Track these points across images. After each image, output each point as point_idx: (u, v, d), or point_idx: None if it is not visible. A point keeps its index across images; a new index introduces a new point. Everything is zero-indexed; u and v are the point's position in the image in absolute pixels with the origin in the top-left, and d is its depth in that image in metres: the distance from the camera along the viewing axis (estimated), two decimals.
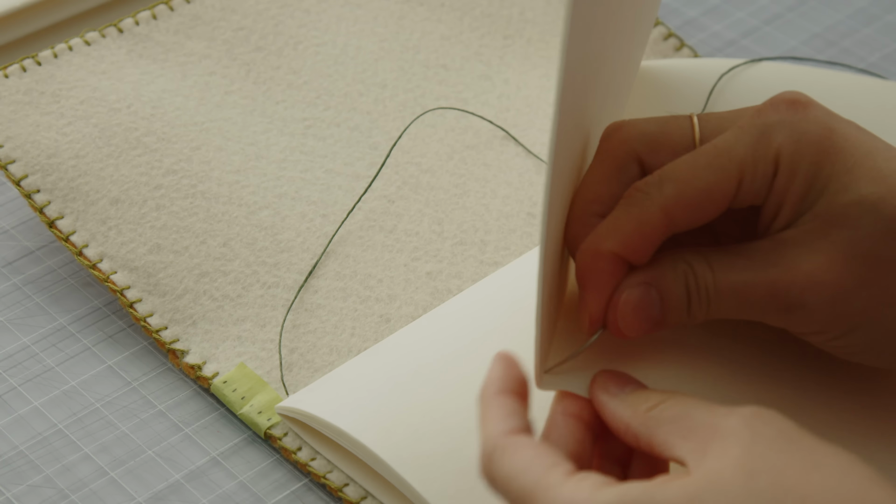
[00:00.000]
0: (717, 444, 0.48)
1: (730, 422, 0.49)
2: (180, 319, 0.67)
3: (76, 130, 0.72)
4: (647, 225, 0.54)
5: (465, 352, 0.61)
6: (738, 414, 0.49)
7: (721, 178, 0.54)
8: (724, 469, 0.47)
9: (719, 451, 0.48)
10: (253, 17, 0.79)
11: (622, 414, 0.52)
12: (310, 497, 0.62)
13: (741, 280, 0.54)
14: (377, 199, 0.72)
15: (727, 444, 0.48)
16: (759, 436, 0.48)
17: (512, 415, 0.51)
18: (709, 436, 0.49)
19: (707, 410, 0.50)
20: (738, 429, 0.48)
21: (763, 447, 0.47)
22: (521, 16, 0.82)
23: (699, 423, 0.49)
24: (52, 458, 0.63)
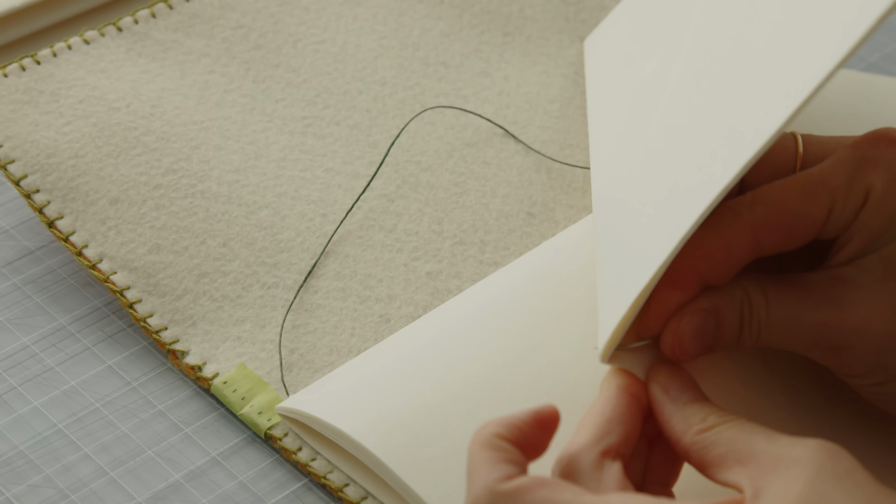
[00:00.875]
0: (781, 474, 0.48)
1: (794, 452, 0.48)
2: (180, 320, 0.67)
3: (75, 130, 0.72)
4: (735, 246, 0.54)
5: (465, 352, 0.61)
6: (805, 445, 0.48)
7: (813, 205, 0.54)
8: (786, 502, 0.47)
9: (783, 483, 0.47)
10: (252, 15, 0.79)
11: (676, 426, 0.52)
12: (310, 497, 0.62)
13: (792, 315, 0.54)
14: (377, 198, 0.72)
15: (792, 476, 0.48)
16: (824, 471, 0.47)
17: (509, 462, 0.50)
18: (771, 465, 0.48)
19: (769, 439, 0.50)
20: (803, 461, 0.48)
21: (828, 485, 0.47)
22: (520, 13, 0.82)
23: (759, 451, 0.49)
24: (52, 458, 0.63)
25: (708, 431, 0.51)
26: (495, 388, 0.60)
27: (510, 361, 0.61)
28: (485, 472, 0.49)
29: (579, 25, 0.81)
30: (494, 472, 0.49)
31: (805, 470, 0.47)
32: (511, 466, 0.50)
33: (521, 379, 0.60)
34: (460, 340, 0.62)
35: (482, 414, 0.59)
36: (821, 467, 0.47)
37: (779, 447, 0.49)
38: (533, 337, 0.62)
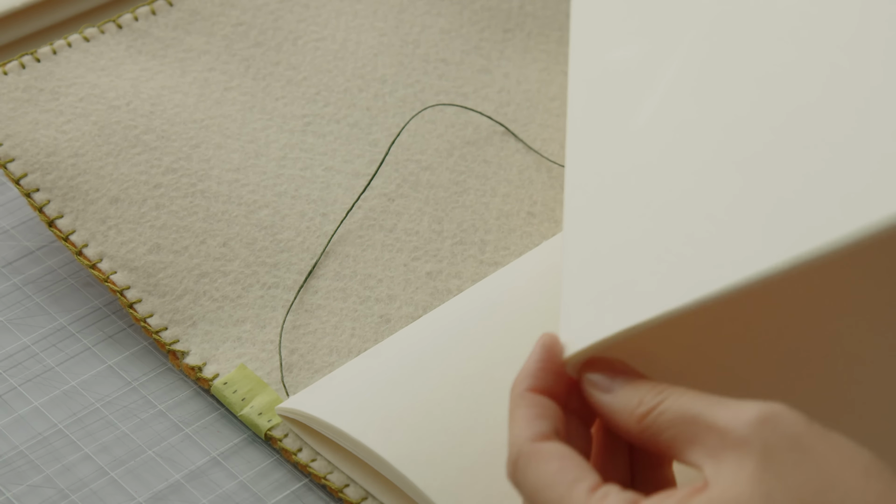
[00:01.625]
0: (732, 454, 0.48)
1: (738, 427, 0.48)
2: (180, 320, 0.67)
3: (75, 128, 0.72)
4: None
5: (465, 351, 0.61)
6: (745, 419, 0.48)
7: None
8: (744, 490, 0.47)
9: (736, 465, 0.47)
10: (252, 12, 0.79)
11: (618, 418, 0.52)
12: (310, 497, 0.62)
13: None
14: (377, 197, 0.72)
15: (742, 458, 0.47)
16: (770, 448, 0.47)
17: (540, 417, 0.51)
18: (718, 442, 0.48)
19: (709, 411, 0.49)
20: (749, 438, 0.48)
21: (777, 463, 0.47)
22: (521, 9, 0.82)
23: (704, 428, 0.49)
24: (52, 458, 0.63)
25: (648, 416, 0.50)
26: (495, 385, 0.60)
27: (510, 359, 0.61)
28: (517, 429, 0.51)
29: None
30: (526, 430, 0.50)
31: (752, 450, 0.47)
32: (543, 422, 0.51)
33: None
34: (460, 339, 0.62)
35: (482, 410, 0.59)
36: (766, 445, 0.47)
37: (721, 421, 0.48)
38: (533, 336, 0.62)
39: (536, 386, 0.52)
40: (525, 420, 0.51)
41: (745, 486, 0.47)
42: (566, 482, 0.49)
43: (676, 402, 0.50)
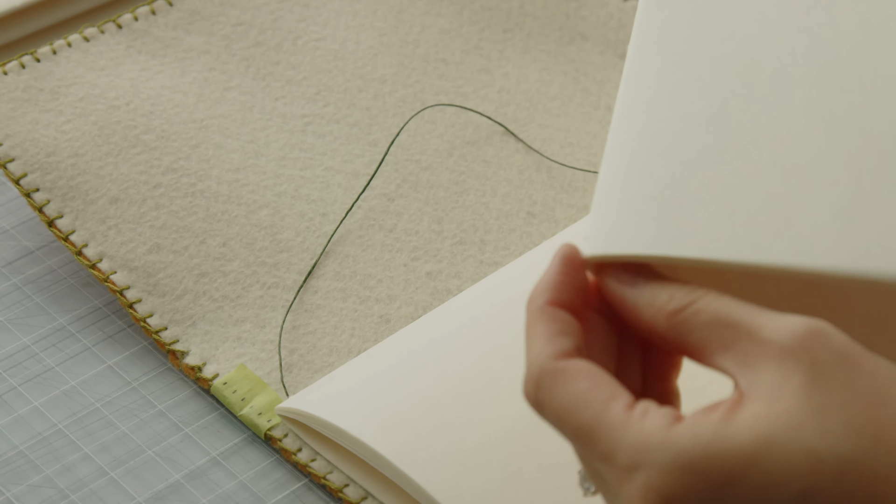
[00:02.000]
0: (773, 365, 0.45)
1: (783, 338, 0.45)
2: (180, 320, 0.67)
3: (75, 128, 0.72)
4: None
5: (464, 352, 0.61)
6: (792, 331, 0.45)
7: None
8: (792, 405, 0.44)
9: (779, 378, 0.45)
10: (252, 11, 0.79)
11: (644, 313, 0.48)
12: (310, 497, 0.62)
13: None
14: (377, 197, 0.72)
15: (787, 371, 0.45)
16: (819, 363, 0.45)
17: (563, 333, 0.47)
18: (758, 351, 0.45)
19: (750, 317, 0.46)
20: (796, 351, 0.45)
21: (827, 379, 0.45)
22: (520, 9, 0.82)
23: (743, 333, 0.46)
24: (52, 458, 0.63)
25: (680, 314, 0.47)
26: (493, 382, 0.60)
27: (508, 355, 0.61)
28: (538, 346, 0.47)
29: (580, 22, 0.81)
30: (548, 347, 0.47)
31: (800, 363, 0.45)
32: (565, 339, 0.47)
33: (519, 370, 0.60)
34: (459, 338, 0.62)
35: (480, 406, 0.59)
36: (815, 359, 0.45)
37: (763, 330, 0.46)
38: None
39: (556, 299, 0.48)
40: (546, 336, 0.47)
41: (792, 400, 0.44)
42: (600, 400, 0.46)
43: (713, 302, 0.47)
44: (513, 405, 0.59)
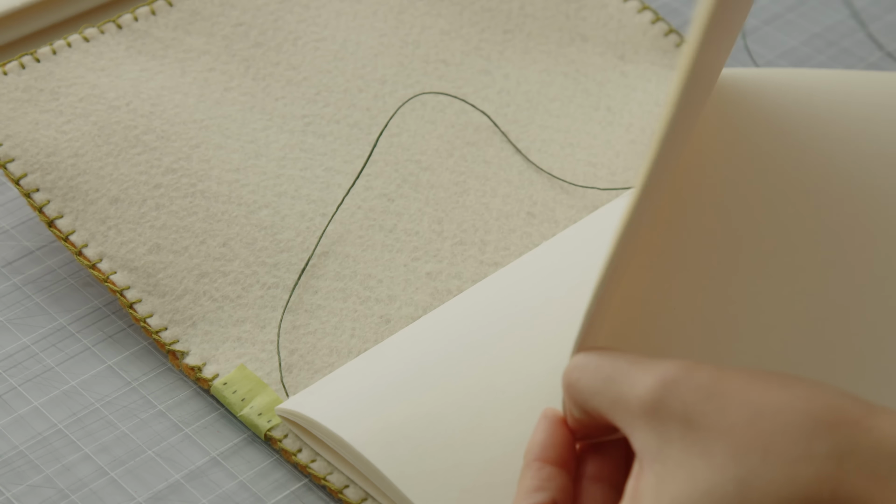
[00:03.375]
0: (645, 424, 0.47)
1: (644, 396, 0.47)
2: (180, 320, 0.67)
3: (75, 128, 0.72)
4: None
5: (467, 358, 0.61)
6: (649, 387, 0.47)
7: None
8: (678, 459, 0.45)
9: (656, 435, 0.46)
10: (252, 12, 0.79)
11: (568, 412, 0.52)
12: (310, 497, 0.62)
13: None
14: (377, 197, 0.72)
15: (658, 426, 0.46)
16: (685, 406, 0.46)
17: (539, 489, 0.51)
18: (629, 412, 0.47)
19: (622, 372, 0.48)
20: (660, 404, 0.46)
21: (697, 418, 0.45)
22: (521, 10, 0.82)
23: (617, 394, 0.48)
24: (52, 458, 0.63)
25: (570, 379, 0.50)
26: (497, 396, 0.60)
27: (512, 369, 0.61)
28: (519, 498, 0.52)
29: (580, 23, 0.81)
30: (526, 501, 0.51)
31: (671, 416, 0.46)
32: (540, 494, 0.51)
33: (524, 387, 0.60)
34: (462, 345, 0.62)
35: (484, 425, 0.59)
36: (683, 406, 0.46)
37: (633, 389, 0.47)
38: (533, 339, 0.62)
39: (543, 455, 0.52)
40: (525, 492, 0.52)
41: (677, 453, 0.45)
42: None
43: (592, 362, 0.49)
44: (515, 426, 0.59)
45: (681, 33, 0.82)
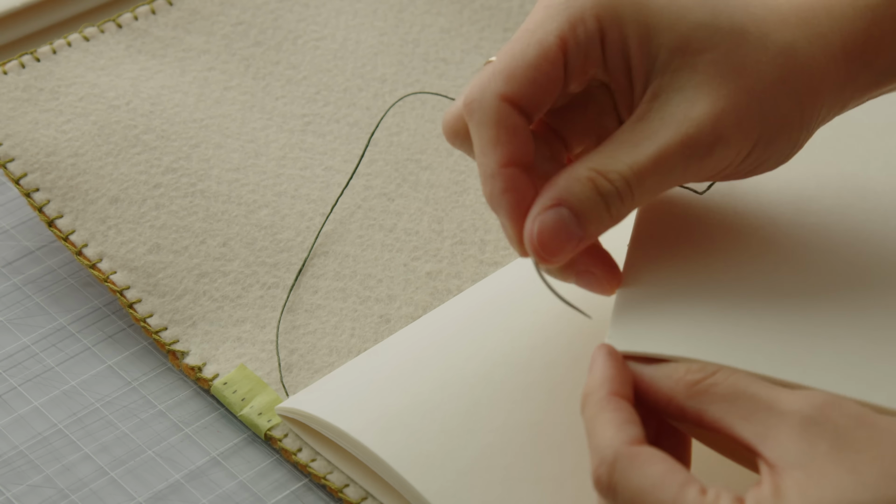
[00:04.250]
0: (796, 434, 0.49)
1: (803, 408, 0.49)
2: (180, 320, 0.67)
3: (75, 128, 0.72)
4: (500, 125, 0.54)
5: (464, 352, 0.61)
6: (810, 401, 0.49)
7: (543, 49, 0.54)
8: (828, 468, 0.48)
9: (805, 445, 0.49)
10: (252, 11, 0.79)
11: (663, 386, 0.52)
12: (310, 497, 0.62)
13: (655, 149, 0.54)
14: (377, 197, 0.72)
15: (811, 438, 0.49)
16: (840, 427, 0.49)
17: (631, 422, 0.51)
18: (778, 421, 0.49)
19: (766, 391, 0.50)
20: (816, 419, 0.49)
21: (850, 440, 0.49)
22: (520, 9, 0.82)
23: (762, 405, 0.50)
24: (52, 458, 0.63)
25: (699, 384, 0.51)
26: (494, 386, 0.60)
27: (509, 361, 0.61)
28: (610, 433, 0.50)
29: None
30: (620, 434, 0.50)
31: (823, 431, 0.49)
32: (635, 427, 0.51)
33: (521, 378, 0.60)
34: (459, 339, 0.62)
35: (481, 412, 0.59)
36: (836, 427, 0.49)
37: (782, 402, 0.50)
38: (533, 336, 0.62)
39: (616, 391, 0.52)
40: (616, 424, 0.50)
41: (825, 463, 0.48)
42: (676, 483, 0.49)
43: (730, 376, 0.51)
44: (513, 413, 0.59)
45: None
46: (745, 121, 0.54)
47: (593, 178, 0.54)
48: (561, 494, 0.57)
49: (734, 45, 0.55)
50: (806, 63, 0.55)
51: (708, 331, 0.54)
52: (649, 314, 0.55)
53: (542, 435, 0.58)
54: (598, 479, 0.50)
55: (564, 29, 0.54)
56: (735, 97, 0.54)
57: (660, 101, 0.55)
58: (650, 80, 0.55)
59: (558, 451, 0.58)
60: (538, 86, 0.54)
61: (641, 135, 0.54)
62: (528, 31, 0.55)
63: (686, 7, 0.55)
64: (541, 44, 0.54)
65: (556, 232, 0.53)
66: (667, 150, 0.54)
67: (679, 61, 0.55)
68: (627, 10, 0.55)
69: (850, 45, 0.56)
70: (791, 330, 0.55)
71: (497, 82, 0.54)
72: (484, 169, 0.54)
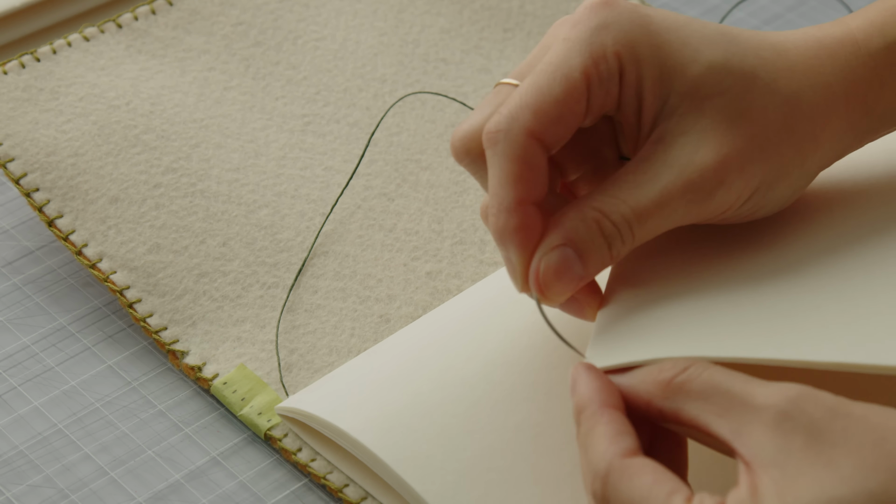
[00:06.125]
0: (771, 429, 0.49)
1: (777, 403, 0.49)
2: (180, 320, 0.67)
3: (75, 128, 0.72)
4: (524, 161, 0.54)
5: (464, 353, 0.61)
6: (783, 395, 0.49)
7: (570, 85, 0.55)
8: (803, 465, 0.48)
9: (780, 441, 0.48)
10: (252, 11, 0.79)
11: (640, 391, 0.52)
12: (310, 497, 0.62)
13: (657, 192, 0.55)
14: (377, 197, 0.72)
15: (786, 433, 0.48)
16: (814, 420, 0.48)
17: (623, 433, 0.51)
18: (753, 417, 0.49)
19: (741, 385, 0.50)
20: (790, 413, 0.49)
21: (825, 432, 0.48)
22: (520, 9, 0.82)
23: (736, 401, 0.50)
24: (52, 458, 0.63)
25: (674, 381, 0.51)
26: (493, 387, 0.60)
27: (509, 361, 0.61)
28: (603, 445, 0.51)
29: None
30: (614, 446, 0.51)
31: (797, 426, 0.48)
32: (628, 438, 0.51)
33: (520, 379, 0.60)
34: (458, 339, 0.62)
35: (480, 412, 0.59)
36: (810, 420, 0.48)
37: (756, 397, 0.49)
38: (532, 337, 0.62)
39: (607, 402, 0.52)
40: (609, 436, 0.51)
41: (801, 460, 0.48)
42: (664, 493, 0.49)
43: (704, 371, 0.51)
44: (512, 414, 0.59)
45: None
46: (748, 167, 0.55)
47: (598, 220, 0.55)
48: (559, 495, 0.57)
49: (743, 90, 0.56)
50: (810, 112, 0.56)
51: (679, 328, 0.55)
52: (623, 328, 0.56)
53: (541, 436, 0.58)
54: (594, 494, 0.51)
55: (588, 65, 0.55)
56: (739, 143, 0.55)
57: (664, 143, 0.55)
58: (658, 122, 0.56)
59: (557, 452, 0.58)
60: (563, 122, 0.55)
61: (644, 176, 0.55)
62: (552, 64, 0.55)
63: (701, 45, 0.56)
64: (567, 79, 0.55)
65: (561, 272, 0.55)
66: (669, 193, 0.55)
67: (687, 106, 0.55)
68: (645, 50, 0.55)
69: (852, 94, 0.57)
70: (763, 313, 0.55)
71: (526, 116, 0.55)
72: (499, 201, 0.55)
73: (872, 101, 0.58)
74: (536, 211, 0.55)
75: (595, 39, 0.55)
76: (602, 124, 0.59)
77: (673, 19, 0.57)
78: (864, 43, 0.58)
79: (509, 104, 0.55)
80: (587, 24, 0.56)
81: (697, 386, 0.51)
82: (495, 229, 0.55)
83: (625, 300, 0.57)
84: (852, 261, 0.57)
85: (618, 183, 0.55)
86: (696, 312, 0.56)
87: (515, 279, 0.56)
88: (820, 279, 0.56)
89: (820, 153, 0.57)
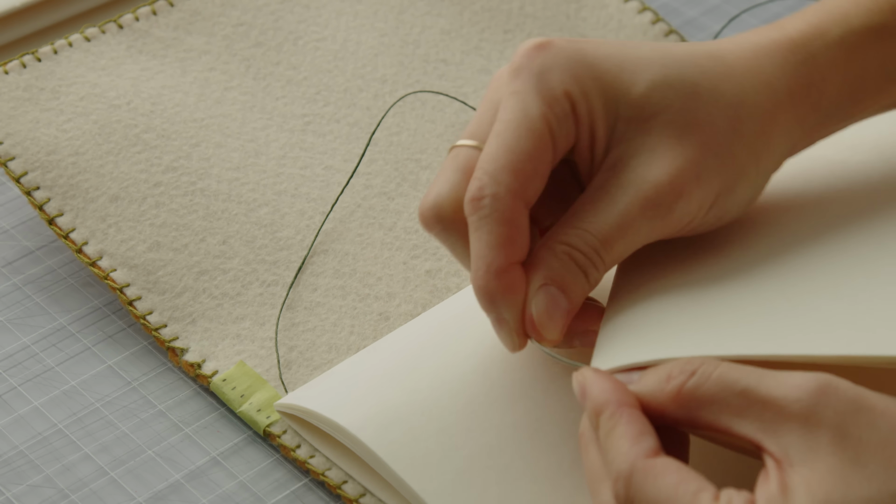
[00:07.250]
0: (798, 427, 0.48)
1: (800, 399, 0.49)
2: (180, 317, 0.67)
3: (76, 127, 0.72)
4: (511, 223, 0.55)
5: (463, 350, 0.61)
6: (805, 390, 0.49)
7: (536, 136, 0.55)
8: (832, 463, 0.48)
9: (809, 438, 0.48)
10: (253, 12, 0.79)
11: (651, 401, 0.52)
12: (310, 497, 0.62)
13: (617, 215, 0.55)
14: (376, 195, 0.72)
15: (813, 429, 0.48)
16: (839, 415, 0.48)
17: (645, 434, 0.51)
18: (776, 415, 0.49)
19: (756, 381, 0.50)
20: (814, 409, 0.48)
21: (851, 428, 0.48)
22: (521, 10, 0.82)
23: (755, 400, 0.49)
24: (52, 458, 0.63)
25: (683, 389, 0.51)
26: (492, 384, 0.60)
27: (507, 359, 0.61)
28: (625, 446, 0.51)
29: (580, 23, 0.81)
30: (636, 447, 0.50)
31: (822, 421, 0.48)
32: (650, 438, 0.51)
33: (519, 376, 0.60)
34: (458, 337, 0.62)
35: (479, 409, 0.59)
36: (834, 415, 0.48)
37: (775, 393, 0.49)
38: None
39: (626, 401, 0.52)
40: (631, 437, 0.51)
41: (829, 457, 0.48)
42: (690, 492, 0.49)
43: (714, 372, 0.51)
44: (510, 412, 0.59)
45: (681, 33, 0.82)
46: (704, 174, 0.56)
47: (568, 252, 0.56)
48: (558, 493, 0.57)
49: (686, 101, 0.56)
50: (755, 112, 0.57)
51: (681, 329, 0.55)
52: (627, 331, 0.56)
53: (539, 433, 0.58)
54: (617, 495, 0.50)
55: (545, 111, 0.56)
56: (691, 154, 0.56)
57: (618, 168, 0.56)
58: (609, 150, 0.57)
59: (556, 450, 0.58)
60: (538, 174, 0.56)
61: (601, 203, 0.56)
62: (512, 121, 0.56)
63: (637, 67, 0.57)
64: (532, 132, 0.55)
65: (552, 310, 0.56)
66: (628, 214, 0.55)
67: (634, 128, 0.56)
68: (589, 83, 0.56)
69: (795, 91, 0.58)
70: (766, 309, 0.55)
71: (507, 178, 0.55)
72: (486, 264, 0.55)
73: (816, 96, 0.58)
74: (522, 270, 0.56)
75: (542, 85, 0.56)
76: (561, 167, 0.59)
77: (606, 47, 0.57)
78: (802, 43, 0.58)
79: (486, 168, 0.55)
80: (530, 71, 0.56)
81: (710, 389, 0.51)
82: (485, 293, 0.56)
83: (625, 310, 0.57)
84: (846, 254, 0.57)
85: (578, 214, 0.56)
86: (696, 313, 0.56)
87: (510, 337, 0.57)
88: (815, 274, 0.57)
89: (771, 150, 0.58)
